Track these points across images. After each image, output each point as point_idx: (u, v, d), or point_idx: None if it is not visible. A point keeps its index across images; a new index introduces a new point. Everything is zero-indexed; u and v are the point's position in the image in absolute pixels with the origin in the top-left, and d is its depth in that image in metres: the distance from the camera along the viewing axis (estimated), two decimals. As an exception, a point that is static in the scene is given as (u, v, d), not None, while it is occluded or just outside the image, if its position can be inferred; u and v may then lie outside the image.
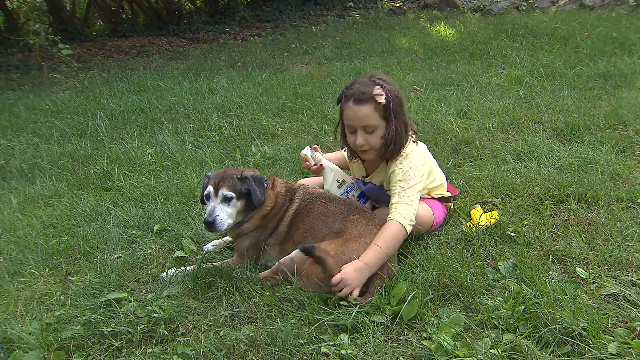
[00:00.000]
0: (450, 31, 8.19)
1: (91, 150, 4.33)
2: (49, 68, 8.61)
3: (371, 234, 2.20)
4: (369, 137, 2.32)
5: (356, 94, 2.27)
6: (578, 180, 2.89)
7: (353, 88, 2.30)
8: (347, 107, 2.32)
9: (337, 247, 2.14)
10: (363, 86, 2.28)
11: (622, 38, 6.11)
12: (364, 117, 2.28)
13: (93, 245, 2.74)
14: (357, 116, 2.29)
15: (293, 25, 11.41)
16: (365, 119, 2.29)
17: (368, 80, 2.32)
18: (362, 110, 2.27)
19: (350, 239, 2.18)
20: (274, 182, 2.51)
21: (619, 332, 1.75)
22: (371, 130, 2.31)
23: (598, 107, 4.08)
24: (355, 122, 2.31)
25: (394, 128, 2.31)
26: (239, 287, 2.21)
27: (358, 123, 2.31)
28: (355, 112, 2.28)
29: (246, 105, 5.17)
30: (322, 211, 2.35)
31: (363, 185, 2.63)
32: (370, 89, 2.26)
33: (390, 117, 2.30)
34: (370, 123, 2.30)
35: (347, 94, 2.31)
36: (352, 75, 6.11)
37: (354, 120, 2.31)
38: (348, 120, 2.34)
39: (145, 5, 12.77)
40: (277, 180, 2.54)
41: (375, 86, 2.27)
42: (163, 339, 1.96)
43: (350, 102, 2.29)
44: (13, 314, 2.20)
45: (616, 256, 2.19)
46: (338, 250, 2.13)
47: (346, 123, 2.37)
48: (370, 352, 1.78)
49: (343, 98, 2.34)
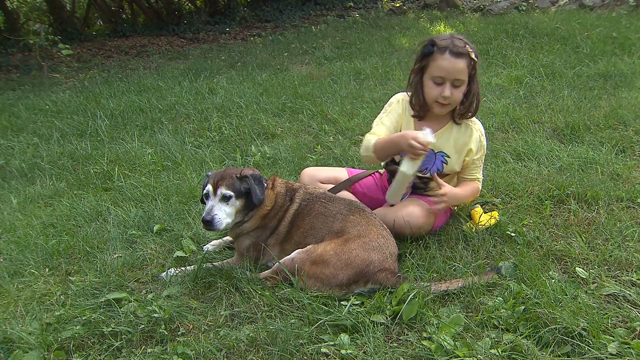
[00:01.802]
0: (450, 31, 8.18)
1: (91, 150, 4.33)
2: (49, 68, 8.61)
3: (371, 233, 2.21)
4: (455, 91, 2.38)
5: (452, 47, 2.32)
6: (578, 180, 2.89)
7: (446, 41, 2.34)
8: (442, 58, 2.34)
9: (337, 247, 2.15)
10: (457, 41, 2.34)
11: (622, 38, 6.10)
12: (459, 71, 2.34)
13: (93, 245, 2.74)
14: (455, 68, 2.33)
15: (293, 25, 11.41)
16: (459, 73, 2.34)
17: (457, 37, 2.37)
18: (459, 64, 2.32)
19: (350, 239, 2.18)
20: (274, 182, 2.50)
21: (619, 332, 1.75)
22: (458, 84, 2.38)
23: (598, 107, 4.08)
24: (448, 74, 2.35)
25: (477, 87, 2.43)
26: (239, 287, 2.21)
27: (451, 75, 2.35)
28: (454, 65, 2.32)
29: (246, 105, 5.17)
30: (322, 211, 2.34)
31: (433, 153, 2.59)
32: (463, 44, 2.34)
33: (475, 76, 2.40)
34: (461, 77, 2.36)
35: (441, 45, 2.34)
36: (352, 75, 6.11)
37: (448, 71, 2.34)
38: (440, 71, 2.36)
39: (145, 5, 12.77)
40: (278, 180, 2.53)
41: (467, 44, 2.35)
42: (163, 339, 1.96)
43: (447, 53, 2.32)
44: (13, 314, 2.20)
45: (616, 256, 2.19)
46: (338, 250, 2.13)
47: (436, 74, 2.37)
48: (370, 352, 1.78)
49: (435, 49, 2.36)
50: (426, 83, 2.43)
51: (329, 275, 2.09)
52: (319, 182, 2.71)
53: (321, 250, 2.15)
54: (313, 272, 2.11)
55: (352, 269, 2.09)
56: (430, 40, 2.39)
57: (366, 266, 2.09)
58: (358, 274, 2.09)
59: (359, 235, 2.19)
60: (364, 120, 4.34)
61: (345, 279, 2.09)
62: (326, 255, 2.13)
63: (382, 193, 2.69)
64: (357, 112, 4.60)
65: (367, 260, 2.10)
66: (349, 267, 2.09)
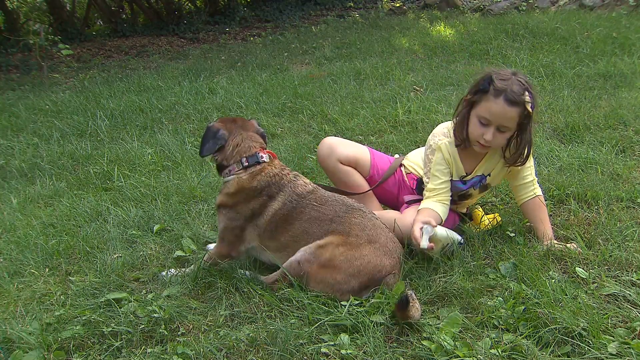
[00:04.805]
0: (450, 31, 8.18)
1: (91, 150, 4.33)
2: (49, 68, 8.60)
3: (381, 238, 2.15)
4: (498, 136, 2.29)
5: (509, 93, 2.20)
6: (578, 180, 2.89)
7: (505, 84, 2.22)
8: (495, 103, 2.23)
9: (348, 252, 2.08)
10: (516, 87, 2.21)
11: (622, 38, 6.10)
12: (508, 119, 2.24)
13: (93, 245, 2.74)
14: (504, 116, 2.23)
15: (293, 25, 11.40)
16: (507, 120, 2.25)
17: (518, 80, 2.24)
18: (510, 112, 2.22)
19: (361, 244, 2.11)
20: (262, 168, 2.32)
21: (619, 332, 1.75)
22: (504, 130, 2.28)
23: (598, 107, 4.08)
24: (496, 119, 2.25)
25: (529, 136, 2.33)
26: (239, 287, 2.21)
27: (499, 121, 2.25)
28: (504, 112, 2.22)
29: (246, 105, 5.17)
30: (316, 216, 2.22)
31: (463, 185, 2.52)
32: (522, 92, 2.21)
33: (528, 125, 2.30)
34: (509, 125, 2.27)
35: (498, 87, 2.22)
36: (352, 75, 6.11)
37: (496, 117, 2.24)
38: (489, 114, 2.26)
39: (145, 5, 12.76)
40: (268, 169, 2.33)
41: (526, 91, 2.22)
42: (163, 339, 1.96)
43: (501, 98, 2.21)
44: (13, 314, 2.20)
45: (616, 256, 2.19)
46: (349, 255, 2.07)
47: (483, 115, 2.27)
48: (370, 352, 1.78)
49: (491, 88, 2.24)
50: (472, 120, 2.33)
51: (340, 281, 2.06)
52: (338, 161, 2.56)
53: (330, 254, 2.09)
54: (322, 277, 2.08)
55: (365, 276, 2.06)
56: (489, 77, 2.26)
57: (378, 272, 2.07)
58: (370, 280, 2.07)
59: (370, 240, 2.13)
60: (363, 120, 4.35)
61: (357, 286, 2.06)
62: (336, 260, 2.07)
63: (398, 188, 2.66)
64: (357, 112, 4.60)
65: (379, 267, 2.08)
66: (361, 273, 2.06)
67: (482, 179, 2.51)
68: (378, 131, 4.15)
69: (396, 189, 2.66)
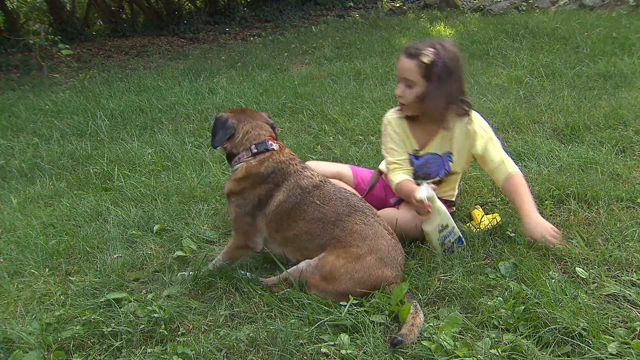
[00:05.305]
0: (450, 31, 8.18)
1: (91, 150, 4.33)
2: (49, 68, 8.60)
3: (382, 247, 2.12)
4: (406, 91, 2.44)
5: (409, 47, 2.43)
6: (578, 180, 2.89)
7: (413, 43, 2.46)
8: (399, 58, 2.47)
9: (348, 264, 2.07)
10: (420, 44, 2.41)
11: (622, 38, 6.10)
12: (405, 70, 2.42)
13: (93, 245, 2.74)
14: (403, 68, 2.43)
15: (293, 25, 11.40)
16: (405, 72, 2.41)
17: (431, 41, 2.43)
18: (408, 64, 2.40)
19: (361, 255, 2.09)
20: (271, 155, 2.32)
21: (619, 332, 1.75)
22: (410, 85, 2.42)
23: (598, 107, 4.08)
24: (400, 72, 2.46)
25: (428, 90, 2.40)
26: (239, 287, 2.21)
27: (400, 74, 2.46)
28: (403, 64, 2.43)
29: (246, 105, 5.17)
30: (318, 217, 2.20)
31: (416, 160, 2.57)
32: (422, 47, 2.37)
33: (431, 79, 2.37)
34: (409, 77, 2.40)
35: (405, 45, 2.49)
36: (352, 75, 6.11)
37: (399, 70, 2.46)
38: (396, 70, 2.52)
39: (145, 5, 12.76)
40: (277, 155, 2.33)
41: (430, 47, 2.36)
42: (163, 339, 1.96)
43: (403, 52, 2.45)
44: (13, 314, 2.20)
45: (616, 256, 2.19)
46: (349, 267, 2.06)
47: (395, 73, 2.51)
48: (370, 352, 1.78)
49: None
50: None
51: (341, 291, 2.05)
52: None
53: (330, 267, 2.08)
54: (324, 288, 2.08)
55: (366, 287, 2.06)
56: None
57: (379, 282, 2.07)
58: (371, 289, 2.07)
59: (371, 251, 2.10)
60: (363, 120, 4.34)
61: (359, 295, 2.06)
62: (337, 272, 2.07)
63: (385, 191, 2.72)
64: (357, 112, 4.60)
65: (380, 277, 2.07)
66: (362, 284, 2.06)
67: (444, 161, 2.54)
68: (378, 131, 4.14)
69: (384, 192, 2.73)
